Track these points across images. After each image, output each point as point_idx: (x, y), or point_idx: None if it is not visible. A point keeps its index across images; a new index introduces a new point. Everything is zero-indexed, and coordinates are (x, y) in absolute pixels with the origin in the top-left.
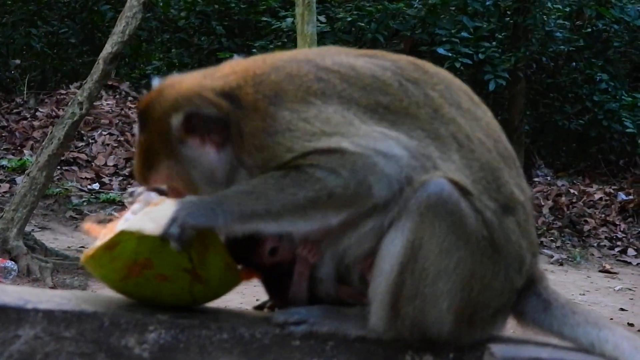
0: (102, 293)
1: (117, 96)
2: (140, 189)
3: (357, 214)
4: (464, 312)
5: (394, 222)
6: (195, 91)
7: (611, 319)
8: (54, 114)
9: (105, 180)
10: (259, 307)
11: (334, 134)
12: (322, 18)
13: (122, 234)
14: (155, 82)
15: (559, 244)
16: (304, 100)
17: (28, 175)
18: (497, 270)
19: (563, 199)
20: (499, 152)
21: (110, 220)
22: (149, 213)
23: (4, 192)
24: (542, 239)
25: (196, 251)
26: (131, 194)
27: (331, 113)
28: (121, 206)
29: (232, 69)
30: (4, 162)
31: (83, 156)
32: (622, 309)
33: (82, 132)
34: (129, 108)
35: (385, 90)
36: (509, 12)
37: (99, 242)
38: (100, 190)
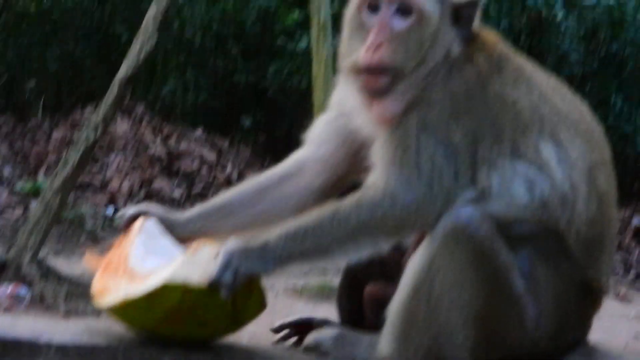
0: (116, 325)
1: (132, 119)
2: (131, 210)
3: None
4: (478, 349)
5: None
6: None
7: (626, 346)
8: (68, 136)
9: (120, 204)
10: (278, 330)
11: (492, 144)
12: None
13: (166, 287)
14: None
15: None
16: (515, 80)
17: (42, 199)
18: (520, 323)
19: None
20: (612, 234)
21: (109, 248)
22: (191, 262)
23: (18, 217)
24: None
25: (241, 296)
26: (122, 217)
27: (527, 105)
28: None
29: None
30: (18, 187)
31: (97, 180)
32: (637, 336)
33: (97, 155)
34: (144, 131)
35: (580, 111)
36: (523, 35)
37: (136, 292)
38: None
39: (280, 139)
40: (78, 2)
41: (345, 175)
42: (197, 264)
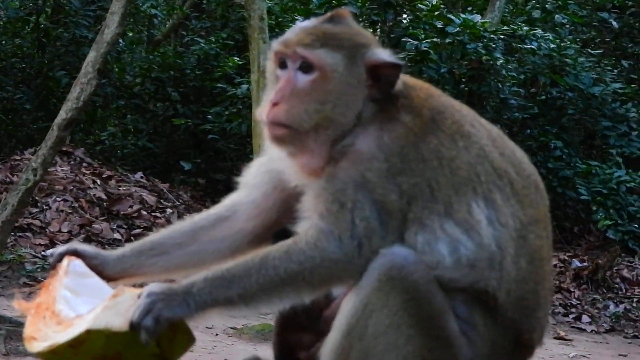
0: None
1: (72, 162)
2: (61, 249)
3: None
4: None
5: (358, 281)
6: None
7: None
8: (8, 180)
9: (60, 246)
10: None
11: (427, 202)
12: None
13: (89, 333)
14: None
15: None
16: (452, 136)
17: None
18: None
19: None
20: (547, 294)
21: (38, 290)
22: (113, 307)
23: None
24: None
25: (165, 337)
26: (52, 255)
27: (464, 162)
28: None
29: (415, 80)
30: None
31: (37, 222)
32: None
33: (36, 198)
34: (84, 174)
35: (518, 168)
36: (464, 80)
37: (61, 338)
38: None
39: (220, 182)
40: (18, 47)
41: (277, 220)
42: (119, 308)
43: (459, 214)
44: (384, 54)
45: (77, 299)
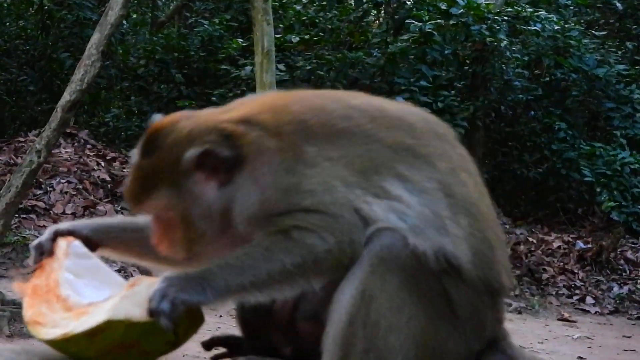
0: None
1: (76, 144)
2: (47, 235)
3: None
4: None
5: (349, 270)
6: (212, 125)
7: None
8: (12, 161)
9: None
10: (209, 344)
11: (348, 187)
12: (282, 66)
13: (109, 323)
14: (157, 117)
15: (517, 292)
16: (328, 138)
17: None
18: (454, 333)
19: (522, 247)
20: (497, 232)
21: (34, 271)
22: (131, 297)
23: None
24: None
25: (184, 325)
26: (39, 246)
27: (355, 157)
28: None
29: (249, 102)
30: None
31: (41, 204)
32: (580, 358)
33: (41, 180)
34: (88, 156)
35: (411, 132)
36: (468, 61)
37: (77, 328)
38: None
39: None
40: (21, 29)
41: None
42: (137, 298)
43: (384, 195)
44: (191, 153)
45: (79, 281)
